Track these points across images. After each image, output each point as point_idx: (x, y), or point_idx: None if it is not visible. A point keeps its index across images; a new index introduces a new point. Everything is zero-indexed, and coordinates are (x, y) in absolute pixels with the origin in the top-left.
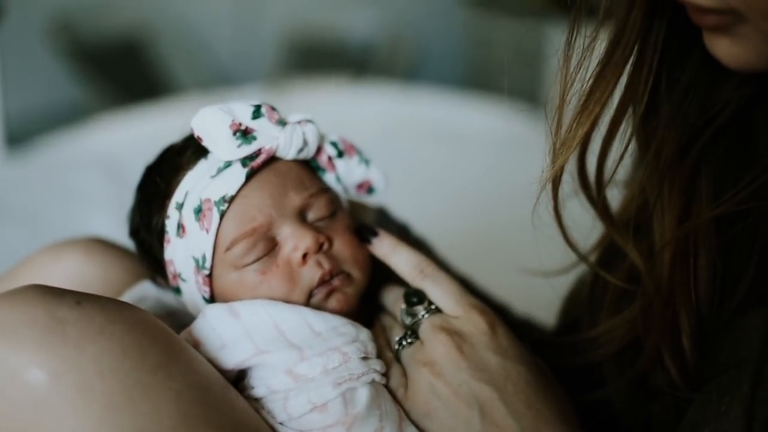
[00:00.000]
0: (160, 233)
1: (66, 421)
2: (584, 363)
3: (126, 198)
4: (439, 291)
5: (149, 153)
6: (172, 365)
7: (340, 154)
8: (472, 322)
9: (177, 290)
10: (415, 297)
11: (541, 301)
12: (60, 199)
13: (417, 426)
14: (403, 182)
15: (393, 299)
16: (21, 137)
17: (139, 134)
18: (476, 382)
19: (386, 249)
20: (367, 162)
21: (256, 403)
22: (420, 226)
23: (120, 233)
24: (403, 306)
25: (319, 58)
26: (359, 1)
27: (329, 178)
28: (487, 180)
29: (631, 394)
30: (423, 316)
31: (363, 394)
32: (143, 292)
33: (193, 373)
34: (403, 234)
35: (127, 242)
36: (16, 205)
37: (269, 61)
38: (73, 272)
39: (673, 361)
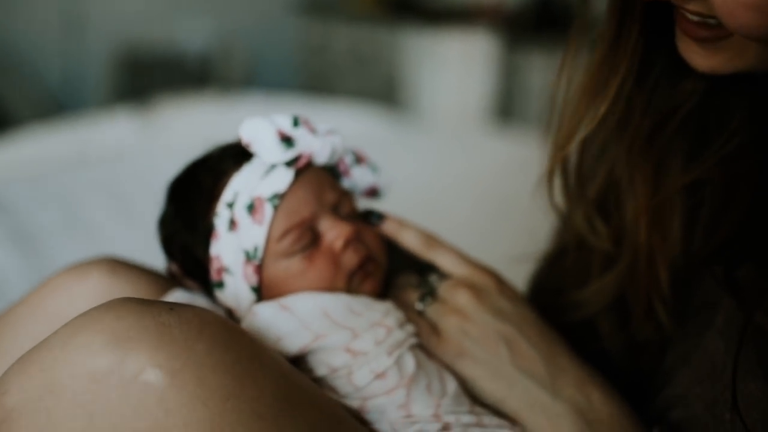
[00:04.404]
0: (207, 232)
1: (191, 413)
2: (572, 322)
3: (9, 224)
4: (447, 258)
5: (22, 180)
6: (263, 355)
7: (357, 162)
8: (481, 278)
9: (219, 285)
10: (426, 268)
11: None
12: None
13: (451, 369)
14: None
15: (404, 280)
16: None
17: (4, 163)
18: (499, 322)
19: (393, 228)
20: (375, 169)
21: (316, 383)
22: None
23: (13, 257)
24: (417, 279)
25: (154, 73)
26: (190, 14)
27: (345, 182)
28: None
29: (624, 344)
30: (437, 281)
31: (410, 358)
32: (176, 299)
33: (277, 361)
34: None
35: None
36: None
37: (102, 79)
38: (101, 290)
39: (660, 305)
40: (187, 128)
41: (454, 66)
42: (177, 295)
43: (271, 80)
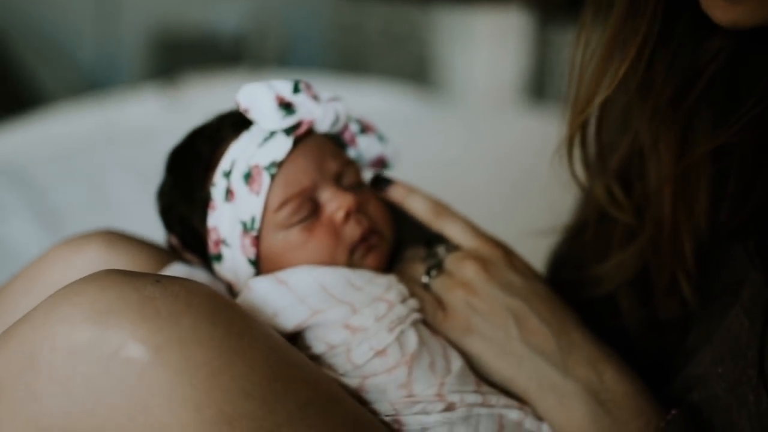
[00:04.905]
0: (204, 202)
1: (174, 389)
2: (592, 298)
3: (35, 202)
4: (456, 228)
5: (50, 158)
6: (253, 331)
7: (362, 131)
8: (490, 251)
9: (217, 258)
10: (433, 240)
11: None
12: None
13: (457, 345)
14: None
15: (412, 252)
16: None
17: (33, 141)
18: (507, 297)
19: (401, 194)
20: (383, 139)
21: (314, 361)
22: None
23: (39, 235)
24: (424, 251)
25: (188, 54)
26: None
27: (351, 152)
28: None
29: (645, 321)
30: (444, 253)
31: (412, 335)
32: (174, 274)
33: (270, 337)
34: None
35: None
36: None
37: (137, 61)
38: (97, 263)
39: (684, 280)
40: (215, 106)
41: (487, 43)
42: (175, 269)
43: (305, 60)
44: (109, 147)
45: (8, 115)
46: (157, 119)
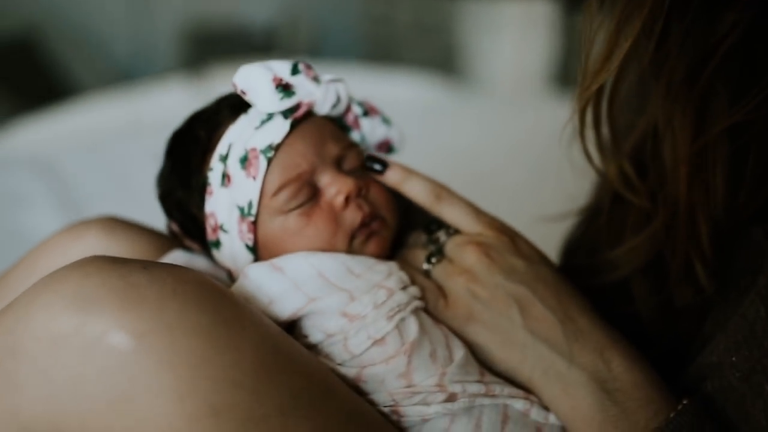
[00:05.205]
0: (201, 187)
1: (157, 379)
2: (605, 283)
3: (61, 193)
4: (457, 212)
5: (76, 149)
6: (243, 318)
7: (366, 113)
8: (493, 235)
9: (215, 244)
10: (434, 224)
11: None
12: None
13: (459, 334)
14: None
15: (415, 238)
16: None
17: (61, 132)
18: (510, 283)
19: (398, 177)
20: (387, 122)
21: (311, 350)
22: None
23: (62, 224)
24: (425, 236)
25: (220, 46)
26: None
27: (354, 136)
28: (419, 146)
29: (659, 308)
30: (445, 238)
31: (412, 323)
32: (174, 261)
33: (261, 325)
34: None
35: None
36: None
37: (170, 54)
38: (96, 249)
39: (699, 265)
40: None
41: (515, 32)
42: (175, 256)
43: (335, 51)
44: (136, 138)
45: (44, 107)
46: (184, 110)
